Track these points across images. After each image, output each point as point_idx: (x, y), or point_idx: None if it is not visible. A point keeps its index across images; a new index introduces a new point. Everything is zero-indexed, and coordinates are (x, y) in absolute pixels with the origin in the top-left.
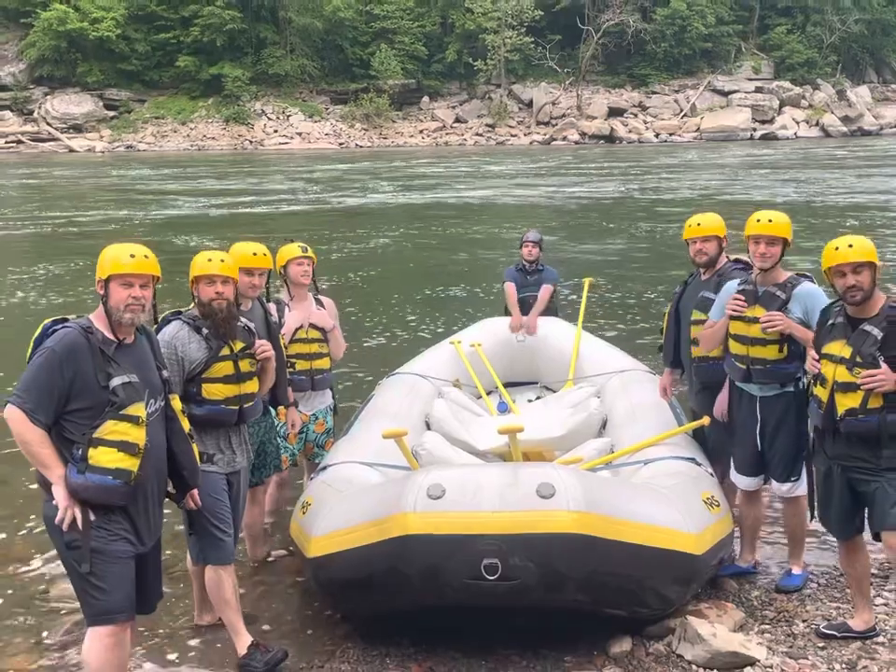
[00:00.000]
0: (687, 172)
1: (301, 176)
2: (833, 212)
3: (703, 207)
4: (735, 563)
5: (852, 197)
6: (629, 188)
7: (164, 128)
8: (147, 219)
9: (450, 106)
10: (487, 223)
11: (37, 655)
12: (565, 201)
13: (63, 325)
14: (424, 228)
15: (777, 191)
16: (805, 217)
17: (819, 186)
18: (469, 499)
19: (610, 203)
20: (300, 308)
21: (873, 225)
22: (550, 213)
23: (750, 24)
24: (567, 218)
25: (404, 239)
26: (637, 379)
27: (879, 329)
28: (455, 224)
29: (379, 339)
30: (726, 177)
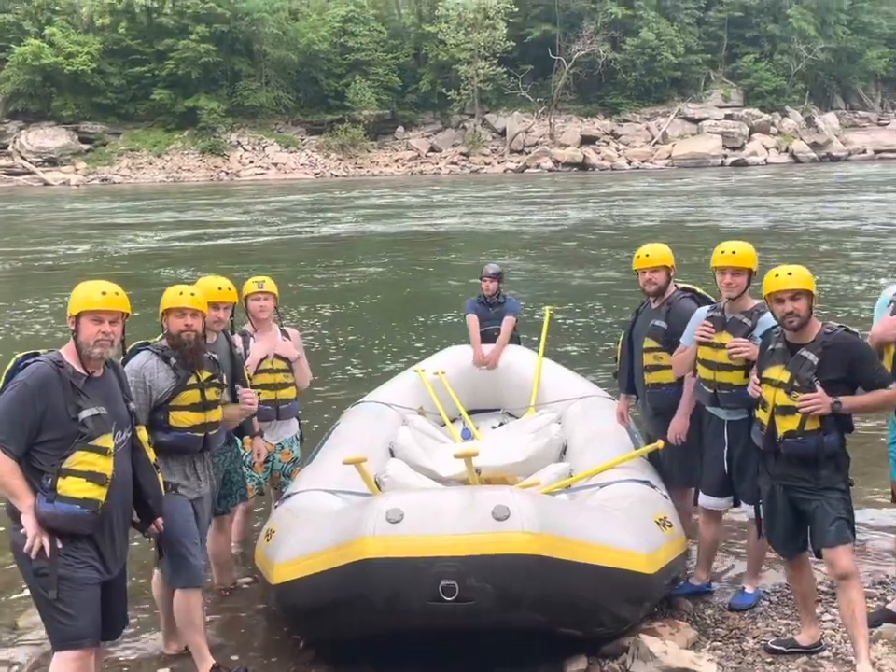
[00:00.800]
0: (657, 198)
1: (277, 207)
2: (805, 237)
3: (672, 235)
4: (689, 582)
5: (821, 222)
6: (599, 215)
7: (140, 160)
8: (121, 252)
9: (424, 136)
10: (457, 251)
11: None
12: (535, 228)
13: (34, 359)
14: (393, 257)
15: (747, 218)
16: (773, 242)
17: (789, 212)
18: (427, 523)
19: (580, 230)
20: (264, 339)
21: (842, 250)
22: (519, 240)
23: (719, 53)
24: (536, 246)
25: (373, 269)
26: (596, 405)
27: (815, 354)
28: (424, 253)
29: (345, 368)
30: (697, 204)
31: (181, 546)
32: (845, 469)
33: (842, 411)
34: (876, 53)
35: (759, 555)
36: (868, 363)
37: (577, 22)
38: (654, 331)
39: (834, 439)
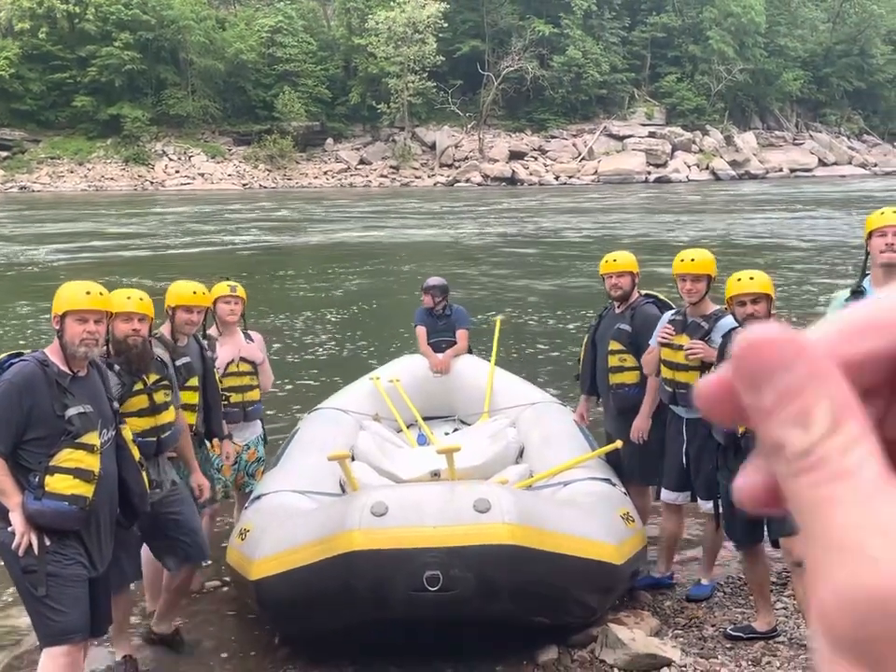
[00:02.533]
0: (586, 213)
1: (205, 217)
2: (732, 250)
3: (605, 247)
4: (650, 574)
5: (743, 237)
6: (530, 228)
7: (60, 168)
8: (48, 261)
9: (354, 148)
10: (398, 262)
11: None
12: (472, 240)
13: (19, 359)
14: (335, 268)
15: (676, 231)
16: None
17: (712, 226)
18: (411, 516)
19: (515, 243)
20: (230, 343)
21: (764, 263)
22: (458, 252)
23: (643, 72)
24: (475, 257)
25: (316, 279)
26: (548, 410)
27: None
28: (366, 264)
29: (298, 376)
30: (626, 218)
31: None
32: None
33: None
34: (792, 75)
35: (715, 549)
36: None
37: (505, 39)
38: (619, 334)
39: None
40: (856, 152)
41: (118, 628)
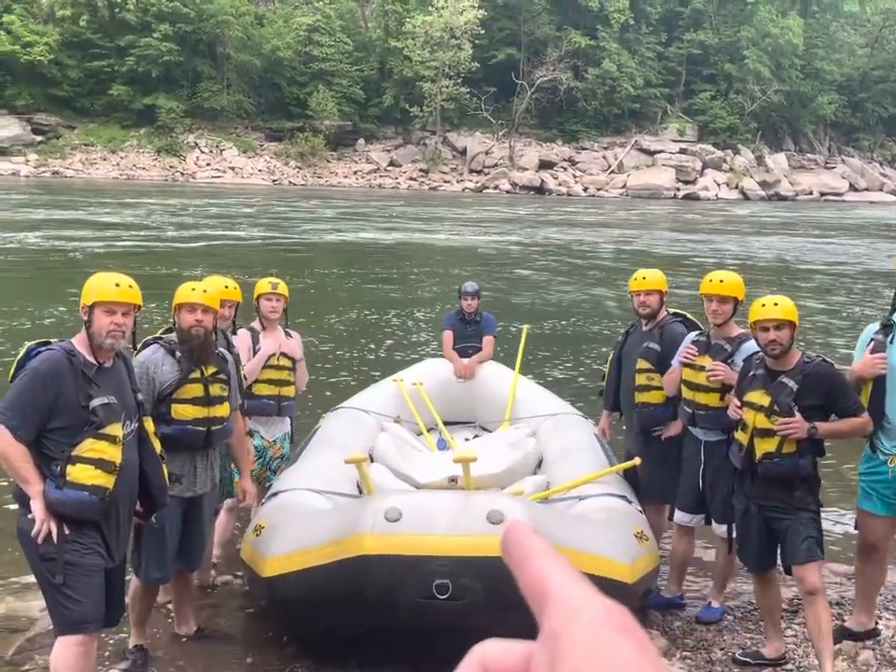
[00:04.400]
0: (613, 227)
1: (237, 211)
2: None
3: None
4: (661, 594)
5: (769, 260)
6: (557, 239)
7: (93, 155)
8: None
9: (385, 150)
10: (424, 265)
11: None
12: (499, 247)
13: (46, 347)
14: (361, 268)
15: (701, 249)
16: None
17: (738, 246)
18: (424, 523)
19: (542, 252)
20: (272, 337)
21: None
22: (485, 258)
23: (677, 88)
24: (502, 264)
25: (344, 278)
26: (569, 422)
27: (795, 381)
28: (392, 265)
29: (320, 374)
30: (653, 234)
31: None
32: (816, 491)
33: (818, 435)
34: (827, 99)
35: (727, 572)
36: (843, 392)
37: (541, 49)
38: (648, 353)
39: (808, 462)
40: (888, 179)
41: (137, 618)
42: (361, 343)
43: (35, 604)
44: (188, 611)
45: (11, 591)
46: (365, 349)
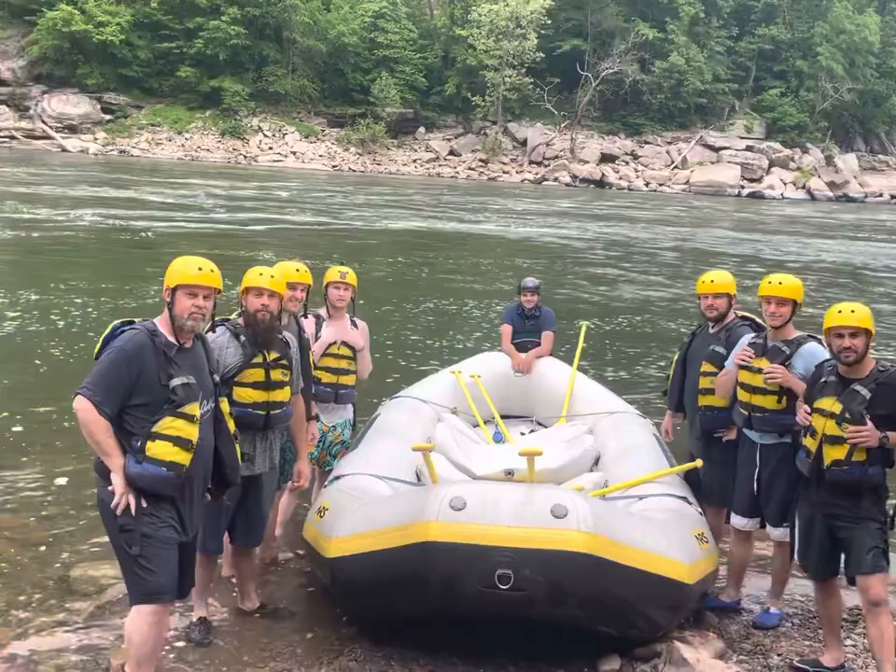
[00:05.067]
0: (675, 224)
1: (298, 196)
2: (823, 276)
3: (693, 261)
4: (719, 597)
5: (836, 263)
6: (617, 233)
7: (159, 135)
8: (155, 229)
9: (445, 138)
10: (483, 256)
11: (61, 634)
12: (562, 241)
13: (130, 326)
14: (423, 256)
15: (764, 250)
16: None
17: (803, 248)
18: (488, 513)
19: (602, 247)
20: (336, 325)
21: (858, 290)
22: (547, 251)
23: (746, 84)
24: (562, 258)
25: (404, 266)
26: (628, 420)
27: (868, 389)
28: (450, 255)
29: (381, 362)
30: (716, 233)
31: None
32: (884, 501)
33: (889, 445)
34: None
35: (784, 577)
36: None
37: (608, 40)
38: (713, 356)
39: (877, 471)
40: None
41: (198, 590)
42: (420, 333)
43: (106, 571)
44: (250, 587)
45: (86, 558)
46: (423, 338)
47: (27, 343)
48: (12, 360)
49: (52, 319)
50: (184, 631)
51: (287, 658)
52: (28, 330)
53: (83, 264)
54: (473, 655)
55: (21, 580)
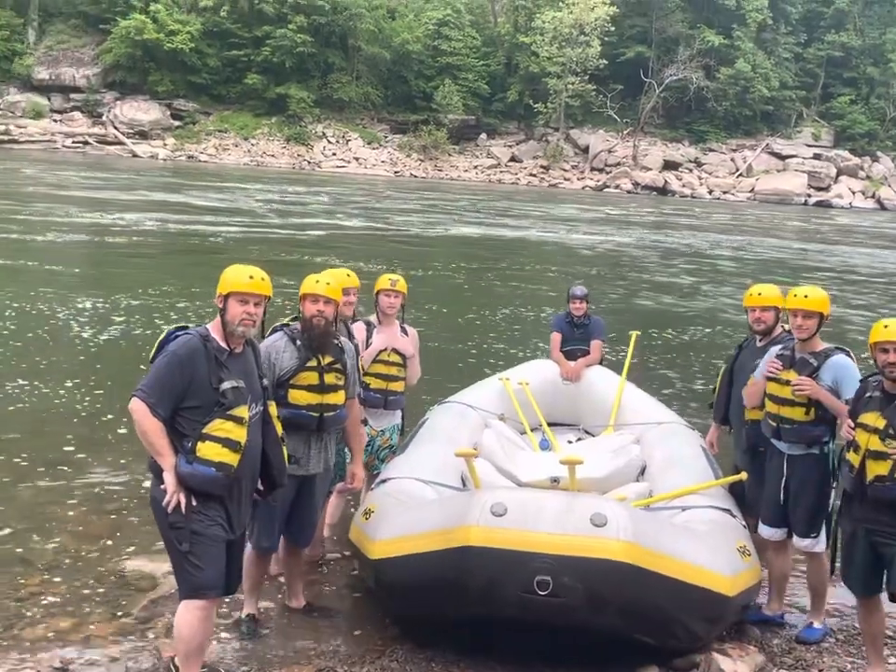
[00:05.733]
0: (739, 233)
1: (360, 201)
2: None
3: (752, 272)
4: (761, 611)
5: None
6: (678, 242)
7: (226, 141)
8: (223, 233)
9: (506, 145)
10: (542, 263)
11: (118, 625)
12: (619, 248)
13: (185, 332)
14: (479, 262)
15: (831, 260)
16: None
17: (868, 259)
18: (529, 520)
19: (659, 255)
20: (387, 332)
21: None
22: (602, 259)
23: (814, 91)
24: (617, 266)
25: (458, 272)
26: (675, 431)
27: None
28: (510, 261)
29: (430, 367)
30: (780, 244)
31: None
32: None
33: None
34: None
35: (821, 589)
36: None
37: (672, 47)
38: None
39: None
40: None
41: (249, 587)
42: (470, 339)
43: (159, 567)
44: (298, 586)
45: (141, 553)
46: (473, 345)
47: (91, 346)
48: (76, 363)
49: (116, 322)
50: (232, 626)
51: (331, 656)
52: (93, 333)
53: (149, 267)
54: (511, 660)
55: (81, 572)
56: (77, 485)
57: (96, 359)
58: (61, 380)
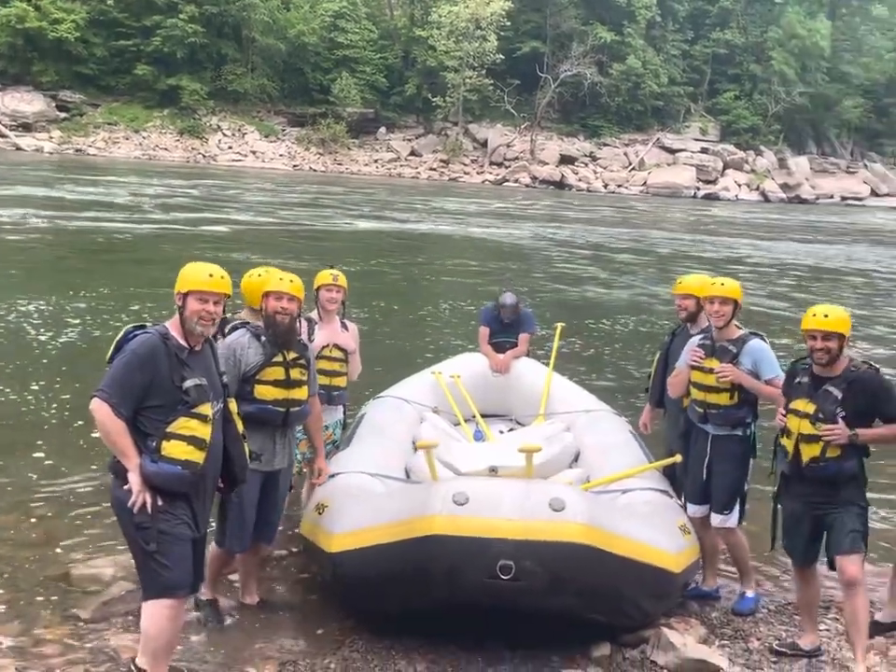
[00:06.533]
0: (635, 226)
1: (259, 197)
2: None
3: (661, 262)
4: (699, 586)
5: (797, 262)
6: (581, 235)
7: (116, 134)
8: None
9: (406, 139)
10: (456, 257)
11: (72, 630)
12: (526, 241)
13: (143, 331)
14: (395, 257)
15: (720, 251)
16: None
17: (757, 248)
18: (490, 507)
19: (567, 248)
20: (328, 328)
21: (813, 290)
22: (513, 253)
23: (701, 87)
24: (529, 259)
25: (377, 267)
26: (604, 418)
27: (839, 389)
28: (423, 256)
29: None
30: (674, 236)
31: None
32: (863, 488)
33: (859, 441)
34: (852, 103)
35: (744, 561)
36: (887, 399)
37: (566, 43)
38: None
39: (854, 464)
40: None
41: (210, 577)
42: (397, 334)
43: (106, 570)
44: (254, 583)
45: (86, 557)
46: (401, 339)
47: (51, 349)
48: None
49: (73, 324)
50: (193, 624)
51: (291, 650)
52: (51, 336)
53: (67, 269)
54: (471, 644)
55: (25, 580)
56: (10, 490)
57: (61, 362)
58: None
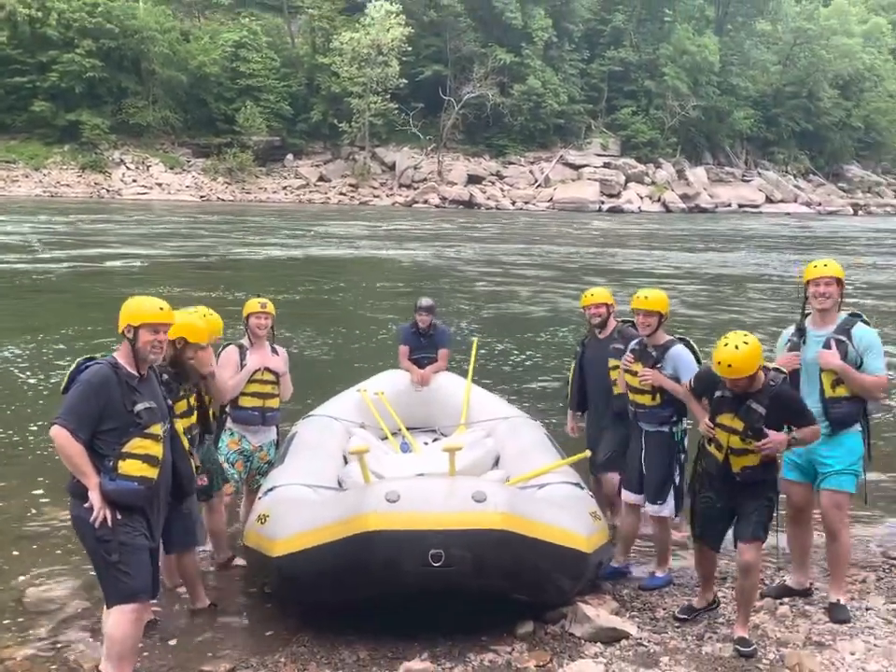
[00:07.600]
0: (542, 242)
1: (166, 229)
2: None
3: (571, 275)
4: (611, 565)
5: (695, 268)
6: (491, 253)
7: (15, 172)
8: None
9: (314, 165)
10: (371, 279)
11: (28, 648)
12: (439, 261)
13: (94, 362)
14: (309, 282)
15: (625, 262)
16: None
17: (659, 258)
18: (420, 503)
19: (480, 266)
20: (259, 353)
21: (718, 298)
22: (427, 273)
23: (599, 104)
24: (443, 277)
25: (293, 294)
26: (521, 424)
27: (763, 406)
28: (337, 279)
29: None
30: (582, 250)
31: None
32: (776, 484)
33: (799, 443)
34: (743, 114)
35: (665, 546)
36: (802, 411)
37: (467, 65)
38: (618, 353)
39: (773, 465)
40: (801, 191)
41: None
42: (320, 356)
43: (61, 592)
44: (199, 588)
45: (36, 579)
46: (325, 361)
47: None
48: None
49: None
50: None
51: (242, 649)
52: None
53: None
54: (407, 631)
55: None
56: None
57: None
58: None
